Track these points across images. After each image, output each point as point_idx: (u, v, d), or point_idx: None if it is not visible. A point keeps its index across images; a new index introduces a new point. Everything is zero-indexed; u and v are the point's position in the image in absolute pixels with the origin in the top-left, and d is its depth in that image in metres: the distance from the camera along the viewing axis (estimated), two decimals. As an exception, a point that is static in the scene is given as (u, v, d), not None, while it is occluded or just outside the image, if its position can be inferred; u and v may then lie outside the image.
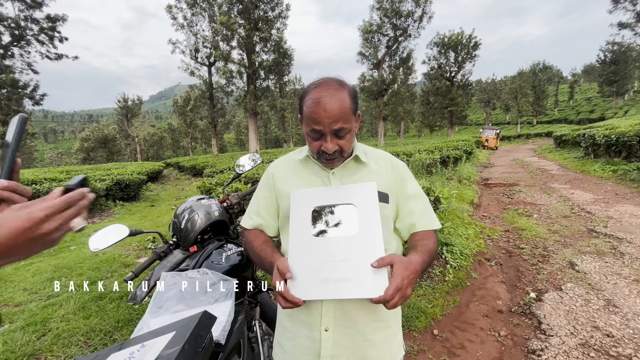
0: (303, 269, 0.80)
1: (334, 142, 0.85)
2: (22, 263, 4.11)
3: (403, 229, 0.98)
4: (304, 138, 0.96)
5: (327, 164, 0.92)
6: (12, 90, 17.02)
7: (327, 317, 0.86)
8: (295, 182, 0.98)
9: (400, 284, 0.72)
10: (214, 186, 4.26)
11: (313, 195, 0.88)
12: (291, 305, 0.77)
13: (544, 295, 2.66)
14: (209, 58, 20.92)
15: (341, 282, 0.76)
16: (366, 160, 0.97)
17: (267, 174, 1.06)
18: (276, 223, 1.04)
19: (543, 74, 53.75)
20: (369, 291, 0.74)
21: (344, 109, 0.83)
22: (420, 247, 0.88)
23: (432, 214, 1.00)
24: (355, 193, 0.85)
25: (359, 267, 0.77)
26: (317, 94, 0.83)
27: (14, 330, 2.38)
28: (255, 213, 1.06)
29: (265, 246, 0.97)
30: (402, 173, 1.00)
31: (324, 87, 0.84)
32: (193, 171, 15.94)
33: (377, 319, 0.89)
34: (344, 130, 0.84)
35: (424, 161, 6.41)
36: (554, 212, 5.08)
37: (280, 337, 0.98)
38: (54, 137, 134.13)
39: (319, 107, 0.82)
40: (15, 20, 16.95)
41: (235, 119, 62.63)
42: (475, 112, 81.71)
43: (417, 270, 0.78)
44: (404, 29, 23.90)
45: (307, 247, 0.82)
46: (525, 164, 11.89)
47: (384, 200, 0.92)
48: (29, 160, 35.23)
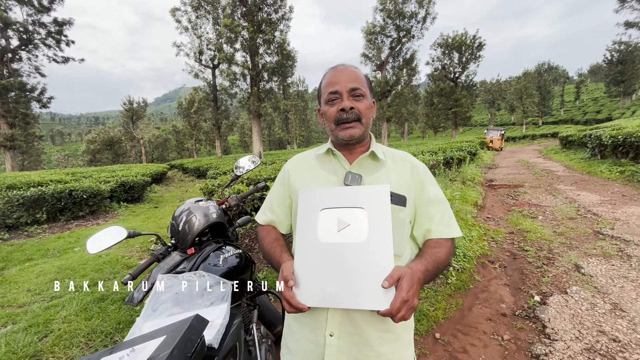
0: (308, 275, 0.77)
1: (350, 100, 0.89)
2: (26, 264, 4.15)
3: (419, 236, 0.93)
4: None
5: (346, 131, 0.90)
6: (20, 93, 17.24)
7: (332, 322, 0.84)
8: (310, 179, 0.96)
9: (407, 296, 0.70)
10: (216, 188, 4.27)
11: (322, 195, 0.83)
12: (295, 310, 0.76)
13: (549, 298, 2.61)
14: (212, 60, 21.05)
15: (347, 291, 0.74)
16: (384, 158, 0.94)
17: (284, 169, 1.06)
18: (289, 220, 1.03)
19: (549, 74, 53.28)
20: (374, 303, 0.71)
21: (359, 75, 0.92)
22: (428, 255, 0.85)
23: (453, 221, 0.94)
24: (366, 196, 0.79)
25: (366, 278, 0.73)
26: (332, 69, 0.95)
27: (17, 332, 2.40)
28: (268, 208, 1.06)
29: (275, 244, 0.96)
30: (422, 175, 0.96)
31: (338, 65, 0.95)
32: (197, 173, 16.02)
33: (385, 329, 0.85)
34: (359, 90, 0.89)
35: (427, 162, 6.37)
36: (560, 214, 5.01)
37: (287, 338, 0.97)
38: (60, 140, 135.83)
39: (336, 71, 0.92)
40: (23, 24, 17.21)
41: (239, 120, 62.92)
42: (480, 113, 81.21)
43: (419, 280, 0.75)
44: (407, 30, 23.85)
45: (314, 251, 0.78)
46: (530, 165, 11.76)
47: (401, 203, 0.88)
48: (36, 162, 35.67)
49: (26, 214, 6.15)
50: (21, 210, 6.10)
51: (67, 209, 6.73)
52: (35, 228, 6.04)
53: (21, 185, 7.07)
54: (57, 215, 6.63)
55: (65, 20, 18.68)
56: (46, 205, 6.40)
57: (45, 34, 18.26)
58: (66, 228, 6.26)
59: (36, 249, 4.80)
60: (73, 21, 19.02)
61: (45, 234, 5.81)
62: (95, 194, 7.11)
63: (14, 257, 4.45)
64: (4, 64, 17.00)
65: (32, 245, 5.05)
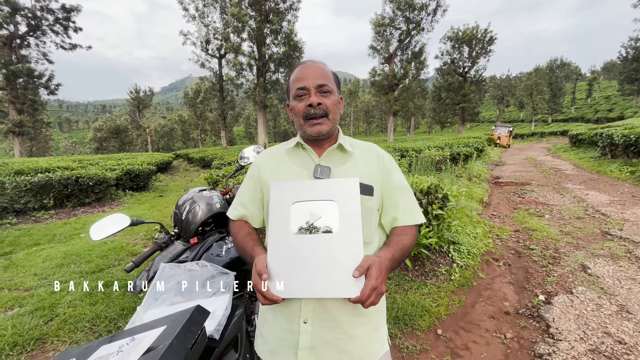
0: (282, 267, 0.79)
1: (318, 96, 0.90)
2: (33, 249, 4.22)
3: (386, 223, 0.98)
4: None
5: (314, 127, 0.92)
6: (28, 79, 17.36)
7: (306, 310, 0.86)
8: (280, 173, 0.98)
9: (375, 284, 0.74)
10: (220, 178, 4.27)
11: (293, 188, 0.84)
12: (270, 302, 0.78)
13: (554, 298, 2.58)
14: (219, 50, 20.90)
15: (319, 281, 0.76)
16: (351, 150, 0.98)
17: (253, 164, 1.07)
18: (261, 215, 1.04)
19: (560, 70, 52.02)
20: (346, 291, 0.75)
21: (326, 71, 0.94)
22: (394, 243, 0.89)
23: (417, 208, 1.00)
24: (336, 189, 0.82)
25: (337, 268, 0.76)
26: (300, 64, 0.95)
27: (23, 315, 2.44)
28: (239, 204, 1.06)
29: (248, 239, 0.97)
30: (388, 165, 1.00)
31: (307, 61, 0.97)
32: (202, 163, 16.09)
33: (357, 314, 0.88)
34: (326, 87, 0.91)
35: (433, 158, 6.30)
36: (567, 213, 4.93)
37: (261, 327, 0.98)
38: (68, 127, 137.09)
39: (303, 67, 0.93)
40: (31, 10, 17.21)
41: (245, 111, 62.82)
42: (488, 109, 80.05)
43: (387, 268, 0.80)
44: (417, 22, 23.37)
45: (286, 244, 0.80)
46: (538, 163, 11.59)
47: (369, 192, 0.91)
48: (44, 149, 36.11)
49: (34, 200, 6.23)
50: (29, 195, 6.18)
51: (74, 195, 6.80)
52: (43, 213, 6.13)
53: (29, 171, 7.15)
54: (63, 201, 6.71)
55: (73, 7, 18.66)
56: (53, 192, 6.48)
57: (53, 20, 18.27)
58: (72, 214, 6.33)
59: (43, 234, 4.87)
60: (81, 8, 18.99)
61: (52, 220, 5.89)
62: (101, 182, 7.18)
63: (22, 242, 4.52)
64: (12, 49, 17.07)
65: (39, 230, 5.12)
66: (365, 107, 62.00)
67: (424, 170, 5.99)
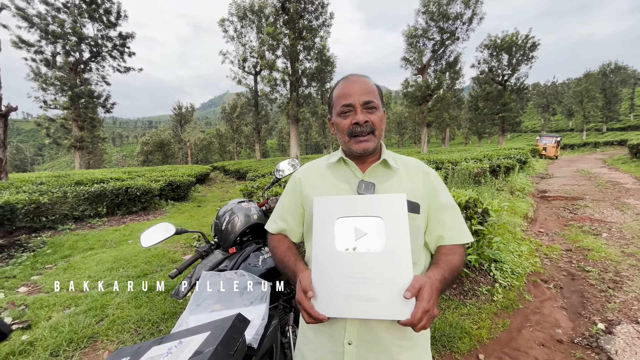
0: (327, 285, 0.77)
1: (364, 114, 0.89)
2: (88, 252, 4.61)
3: (431, 241, 0.93)
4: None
5: (360, 145, 0.90)
6: (89, 100, 19.46)
7: (350, 331, 0.83)
8: (322, 188, 0.96)
9: (428, 306, 0.70)
10: (255, 189, 4.41)
11: (337, 203, 0.82)
12: (314, 321, 0.76)
13: (616, 327, 2.30)
14: (255, 67, 22.00)
15: (366, 301, 0.73)
16: (395, 166, 0.95)
17: (294, 177, 1.06)
18: (300, 229, 1.03)
19: (615, 75, 47.65)
20: (395, 313, 0.71)
21: (371, 86, 0.92)
22: (443, 263, 0.85)
23: (464, 227, 0.95)
24: (383, 204, 0.78)
25: (386, 288, 0.73)
26: (344, 79, 0.94)
27: (78, 313, 2.66)
28: (279, 217, 1.05)
29: (289, 253, 0.96)
30: (433, 181, 0.96)
31: (350, 75, 0.95)
32: (237, 174, 16.73)
33: (403, 337, 0.84)
34: (372, 103, 0.89)
35: (471, 170, 6.01)
36: (629, 231, 4.42)
37: (302, 346, 0.96)
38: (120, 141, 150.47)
39: (348, 82, 0.92)
40: (94, 39, 19.43)
41: (278, 125, 64.86)
42: (532, 118, 75.21)
43: (438, 289, 0.76)
44: (451, 32, 22.87)
45: (331, 261, 0.78)
46: (592, 176, 10.58)
47: (415, 210, 0.88)
48: (99, 162, 39.84)
49: (90, 208, 6.88)
50: (86, 204, 6.83)
51: (123, 204, 7.40)
52: (97, 220, 6.72)
53: (87, 181, 7.92)
54: (114, 209, 7.32)
55: (128, 34, 20.76)
56: (106, 200, 7.11)
57: (111, 47, 20.42)
58: (122, 222, 6.87)
59: (97, 240, 5.32)
60: (135, 34, 21.06)
61: (104, 226, 6.43)
62: (147, 192, 7.74)
63: (79, 246, 4.97)
64: (77, 74, 19.27)
65: (93, 236, 5.61)
66: (397, 119, 61.21)
67: (461, 184, 5.72)
